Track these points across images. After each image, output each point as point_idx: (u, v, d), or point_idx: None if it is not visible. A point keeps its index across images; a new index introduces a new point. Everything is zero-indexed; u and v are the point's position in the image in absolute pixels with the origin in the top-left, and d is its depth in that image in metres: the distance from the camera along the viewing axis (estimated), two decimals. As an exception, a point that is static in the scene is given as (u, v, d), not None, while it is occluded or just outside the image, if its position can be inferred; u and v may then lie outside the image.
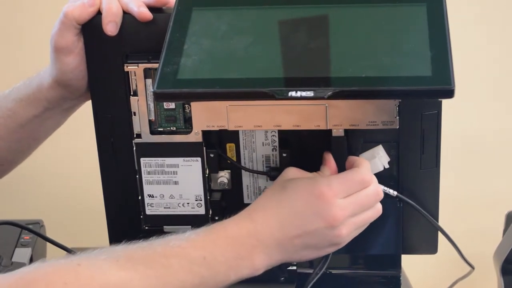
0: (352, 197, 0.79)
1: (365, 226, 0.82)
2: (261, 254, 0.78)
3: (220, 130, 0.85)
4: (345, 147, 0.83)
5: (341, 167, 0.83)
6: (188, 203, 0.88)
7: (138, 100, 0.85)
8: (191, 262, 0.76)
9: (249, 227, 0.78)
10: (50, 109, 0.90)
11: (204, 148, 0.86)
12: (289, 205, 0.79)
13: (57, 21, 0.83)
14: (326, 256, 0.82)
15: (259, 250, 0.78)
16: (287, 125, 0.83)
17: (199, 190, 0.87)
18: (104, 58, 0.84)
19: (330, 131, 0.83)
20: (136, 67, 0.83)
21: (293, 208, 0.79)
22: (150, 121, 0.86)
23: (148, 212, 0.88)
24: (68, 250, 0.99)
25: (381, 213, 0.82)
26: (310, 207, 0.78)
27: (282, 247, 0.78)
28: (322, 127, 0.82)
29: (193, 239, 0.77)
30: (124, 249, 0.75)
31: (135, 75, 0.84)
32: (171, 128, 0.86)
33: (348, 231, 0.79)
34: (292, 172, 0.82)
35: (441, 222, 0.86)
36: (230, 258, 0.77)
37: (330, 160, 0.83)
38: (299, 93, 0.70)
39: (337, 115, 0.82)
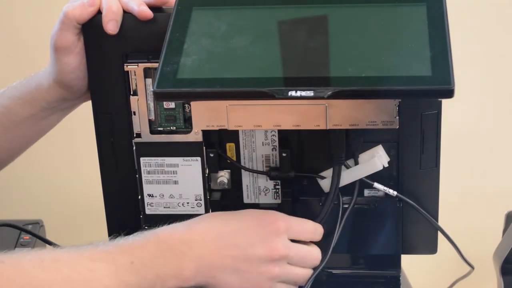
0: (298, 245, 0.81)
1: (292, 282, 0.81)
2: (190, 264, 0.77)
3: (220, 130, 0.84)
4: (344, 141, 0.83)
5: (342, 162, 0.83)
6: (188, 203, 0.88)
7: (138, 100, 0.85)
8: (118, 267, 0.75)
9: (183, 234, 0.78)
10: (48, 109, 0.90)
11: (204, 147, 0.86)
12: (237, 222, 0.80)
13: (57, 21, 0.83)
14: (325, 254, 0.82)
15: (188, 260, 0.77)
16: (287, 125, 0.83)
17: (199, 189, 0.87)
18: (104, 58, 0.84)
19: (330, 131, 0.83)
20: (136, 66, 0.83)
21: (239, 226, 0.79)
22: (150, 120, 0.86)
23: (148, 211, 0.88)
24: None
25: (305, 280, 0.82)
26: (258, 229, 0.79)
27: (212, 262, 0.77)
28: (322, 127, 0.82)
29: (121, 244, 0.77)
30: (51, 251, 0.75)
31: (135, 74, 0.84)
32: (171, 127, 0.86)
33: (280, 273, 0.79)
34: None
35: (441, 222, 0.86)
36: (158, 264, 0.76)
37: None
38: (299, 93, 0.70)
39: (337, 115, 0.82)
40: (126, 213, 0.89)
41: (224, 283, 0.78)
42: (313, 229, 0.82)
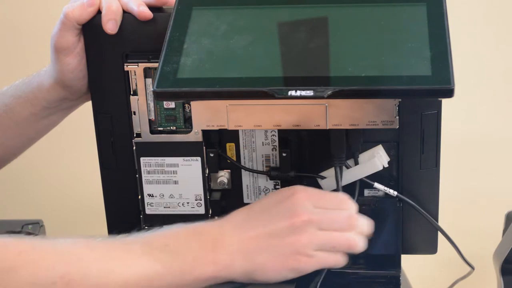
0: (323, 209, 0.78)
1: (332, 249, 0.78)
2: (224, 250, 0.76)
3: (220, 130, 0.85)
4: (344, 141, 0.83)
5: (342, 162, 0.83)
6: (188, 203, 0.88)
7: (138, 100, 0.85)
8: (153, 248, 0.75)
9: (213, 223, 0.78)
10: (49, 108, 0.90)
11: (204, 147, 0.86)
12: (259, 204, 0.79)
13: (58, 22, 0.83)
14: None
15: (221, 245, 0.76)
16: (287, 125, 0.83)
17: (199, 189, 0.87)
18: (104, 58, 0.84)
19: (330, 130, 0.83)
20: (136, 66, 0.83)
21: (261, 207, 0.79)
22: (150, 120, 0.86)
23: (148, 211, 0.88)
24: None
25: (353, 247, 0.79)
26: (278, 204, 0.78)
27: (242, 245, 0.77)
28: (322, 126, 0.82)
29: (153, 232, 0.77)
30: (85, 238, 0.75)
31: (135, 74, 0.84)
32: (171, 127, 0.86)
33: (309, 241, 0.76)
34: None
35: (441, 222, 0.86)
36: (194, 248, 0.76)
37: None
38: (299, 93, 0.70)
39: (337, 115, 0.82)
40: (126, 213, 0.89)
41: (265, 265, 0.77)
42: (338, 200, 0.80)
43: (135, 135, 0.86)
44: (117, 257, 0.73)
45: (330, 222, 0.78)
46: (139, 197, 0.88)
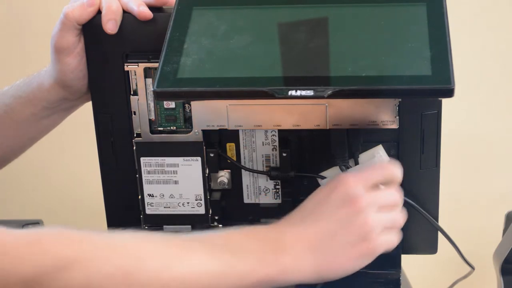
0: (375, 187, 0.77)
1: (392, 227, 0.78)
2: (286, 251, 0.74)
3: (220, 130, 0.85)
4: (345, 141, 0.83)
5: (342, 161, 0.83)
6: (188, 203, 0.88)
7: (138, 100, 0.85)
8: (214, 245, 0.73)
9: (268, 226, 0.77)
10: (49, 108, 0.90)
11: (204, 147, 0.86)
12: (310, 202, 0.78)
13: (58, 22, 0.83)
14: None
15: (282, 247, 0.75)
16: (287, 125, 0.83)
17: (199, 189, 0.87)
18: (104, 58, 0.84)
19: (330, 130, 0.83)
20: (136, 66, 0.83)
21: (313, 203, 0.77)
22: (150, 120, 0.86)
23: (148, 211, 0.88)
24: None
25: (404, 221, 0.79)
26: (330, 195, 0.76)
27: (306, 244, 0.75)
28: (322, 126, 0.82)
29: (213, 232, 0.75)
30: (143, 232, 0.74)
31: (135, 74, 0.84)
32: (171, 127, 0.86)
33: (375, 222, 0.75)
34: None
35: (441, 222, 0.86)
36: (255, 249, 0.74)
37: None
38: (299, 92, 0.70)
39: (337, 115, 0.82)
40: (126, 213, 0.89)
41: (335, 258, 0.75)
42: (381, 168, 0.79)
43: (135, 135, 0.86)
44: (177, 252, 0.72)
45: (385, 200, 0.77)
46: (139, 197, 0.88)
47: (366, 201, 0.76)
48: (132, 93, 0.85)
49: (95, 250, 0.69)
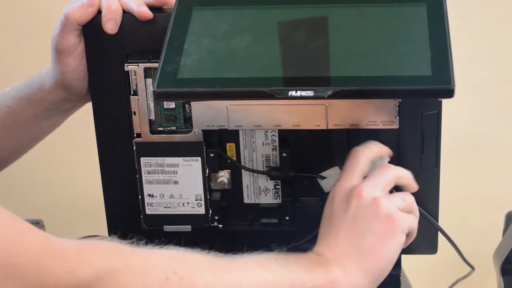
0: (368, 176, 0.79)
1: (412, 210, 0.78)
2: (334, 265, 0.75)
3: (220, 130, 0.85)
4: (345, 141, 0.83)
5: (342, 161, 0.83)
6: (188, 203, 0.88)
7: (138, 100, 0.85)
8: (262, 261, 0.74)
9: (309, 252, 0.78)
10: (50, 109, 0.90)
11: (204, 147, 0.86)
12: (328, 210, 0.79)
13: (58, 23, 0.83)
14: None
15: (325, 261, 0.75)
16: (287, 125, 0.83)
17: (199, 189, 0.87)
18: (104, 58, 0.84)
19: (330, 131, 0.83)
20: (136, 66, 0.83)
21: (329, 211, 0.78)
22: (150, 120, 0.86)
23: (148, 211, 0.88)
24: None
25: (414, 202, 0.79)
26: (342, 197, 0.78)
27: (348, 255, 0.75)
28: (322, 126, 0.82)
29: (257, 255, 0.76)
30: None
31: (135, 74, 0.84)
32: (171, 127, 0.86)
33: (388, 203, 0.76)
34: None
35: (441, 222, 0.86)
36: (302, 263, 0.75)
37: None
38: (299, 93, 0.70)
39: (337, 115, 0.82)
40: (126, 213, 0.89)
41: (377, 254, 0.76)
42: (384, 169, 0.80)
43: (135, 135, 0.86)
44: (227, 263, 0.73)
45: (380, 176, 0.78)
46: (139, 197, 0.88)
47: (363, 185, 0.77)
48: (132, 93, 0.85)
49: (147, 256, 0.70)
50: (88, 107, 0.88)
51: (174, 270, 0.69)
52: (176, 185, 0.87)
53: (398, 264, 0.89)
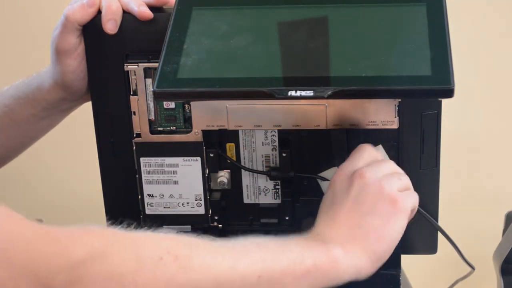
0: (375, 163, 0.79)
1: (407, 189, 0.78)
2: (332, 244, 0.74)
3: (220, 130, 0.85)
4: (345, 141, 0.83)
5: (342, 161, 0.83)
6: (188, 203, 0.88)
7: (138, 100, 0.85)
8: (258, 240, 0.73)
9: (308, 233, 0.77)
10: (48, 109, 0.90)
11: (204, 147, 0.86)
12: (331, 190, 0.79)
13: (59, 24, 0.83)
14: None
15: (329, 241, 0.74)
16: (287, 125, 0.83)
17: (199, 189, 0.87)
18: (104, 58, 0.84)
19: (330, 131, 0.83)
20: (136, 66, 0.83)
21: (329, 191, 0.79)
22: (150, 120, 0.86)
23: (147, 211, 0.88)
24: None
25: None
26: (338, 179, 0.78)
27: (349, 236, 0.75)
28: (322, 126, 0.82)
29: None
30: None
31: (135, 74, 0.84)
32: (171, 127, 0.86)
33: (388, 184, 0.76)
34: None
35: (441, 222, 0.86)
36: (300, 242, 0.74)
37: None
38: (298, 93, 0.70)
39: (337, 115, 0.82)
40: (126, 213, 0.89)
41: (379, 234, 0.75)
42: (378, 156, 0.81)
43: (135, 135, 0.86)
44: (225, 244, 0.72)
45: (387, 169, 0.79)
46: (139, 197, 0.88)
47: (370, 172, 0.77)
48: (132, 93, 0.85)
49: (140, 237, 0.69)
50: (88, 107, 0.88)
51: (168, 250, 0.68)
52: (176, 185, 0.87)
53: (398, 264, 0.89)
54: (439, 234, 0.87)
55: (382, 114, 0.82)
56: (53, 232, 0.65)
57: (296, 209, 0.88)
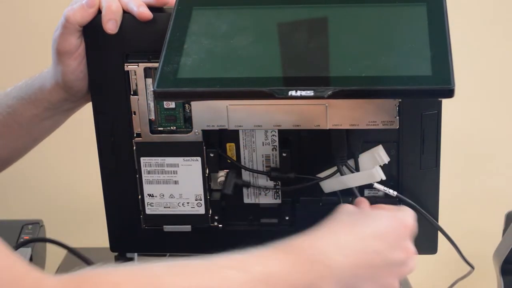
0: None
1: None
2: (331, 278, 0.72)
3: (220, 130, 0.85)
4: (345, 141, 0.83)
5: (342, 161, 0.83)
6: (188, 203, 0.88)
7: (138, 100, 0.85)
8: (253, 276, 0.70)
9: (319, 244, 0.74)
10: (51, 109, 0.90)
11: (204, 147, 0.86)
12: (372, 225, 0.76)
13: (59, 25, 0.83)
14: None
15: (329, 273, 0.72)
16: (287, 125, 0.83)
17: (199, 189, 0.87)
18: (104, 58, 0.84)
19: (330, 131, 0.83)
20: (136, 66, 0.83)
21: (375, 230, 0.75)
22: (150, 120, 0.86)
23: (148, 211, 0.88)
24: (68, 248, 0.99)
25: None
26: (394, 232, 0.76)
27: (354, 273, 0.73)
28: (322, 126, 0.82)
29: (254, 254, 0.72)
30: (180, 259, 0.71)
31: (135, 74, 0.84)
32: (171, 127, 0.86)
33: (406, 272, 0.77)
34: (349, 206, 0.80)
35: (441, 222, 0.86)
36: (294, 278, 0.71)
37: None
38: (299, 93, 0.70)
39: (337, 115, 0.82)
40: (126, 213, 0.89)
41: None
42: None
43: (135, 135, 0.86)
44: (206, 265, 0.70)
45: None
46: (139, 197, 0.88)
47: (413, 251, 0.77)
48: (132, 93, 0.85)
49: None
50: (88, 107, 0.88)
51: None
52: (176, 185, 0.87)
53: (398, 264, 0.89)
54: (439, 234, 0.87)
55: (382, 114, 0.82)
56: (21, 277, 0.62)
57: (296, 209, 0.88)
